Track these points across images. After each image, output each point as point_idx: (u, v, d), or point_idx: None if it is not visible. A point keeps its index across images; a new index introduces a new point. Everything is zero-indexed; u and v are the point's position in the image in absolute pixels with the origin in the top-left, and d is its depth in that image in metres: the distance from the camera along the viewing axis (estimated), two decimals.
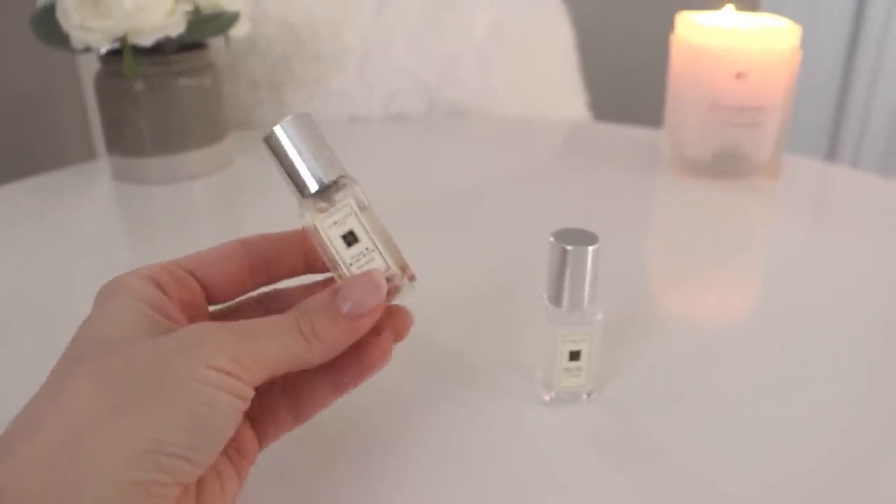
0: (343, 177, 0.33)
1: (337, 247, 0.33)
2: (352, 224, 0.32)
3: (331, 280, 0.34)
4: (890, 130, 1.78)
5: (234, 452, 0.32)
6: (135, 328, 0.30)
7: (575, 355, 0.41)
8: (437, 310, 0.52)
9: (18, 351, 0.49)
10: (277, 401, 0.34)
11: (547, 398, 0.42)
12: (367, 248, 0.33)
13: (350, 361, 0.34)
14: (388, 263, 0.33)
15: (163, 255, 0.34)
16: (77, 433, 0.25)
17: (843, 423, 0.42)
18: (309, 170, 0.32)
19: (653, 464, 0.39)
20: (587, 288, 0.39)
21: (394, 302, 0.34)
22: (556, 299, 0.40)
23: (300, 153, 0.32)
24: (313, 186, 0.32)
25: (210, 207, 0.75)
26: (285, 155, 0.32)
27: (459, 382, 0.45)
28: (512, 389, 0.44)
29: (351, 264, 0.33)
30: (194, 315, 0.34)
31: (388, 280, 0.33)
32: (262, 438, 0.34)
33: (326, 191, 0.33)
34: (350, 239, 0.33)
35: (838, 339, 0.51)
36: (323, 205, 0.32)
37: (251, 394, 0.28)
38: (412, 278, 0.34)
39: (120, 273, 0.33)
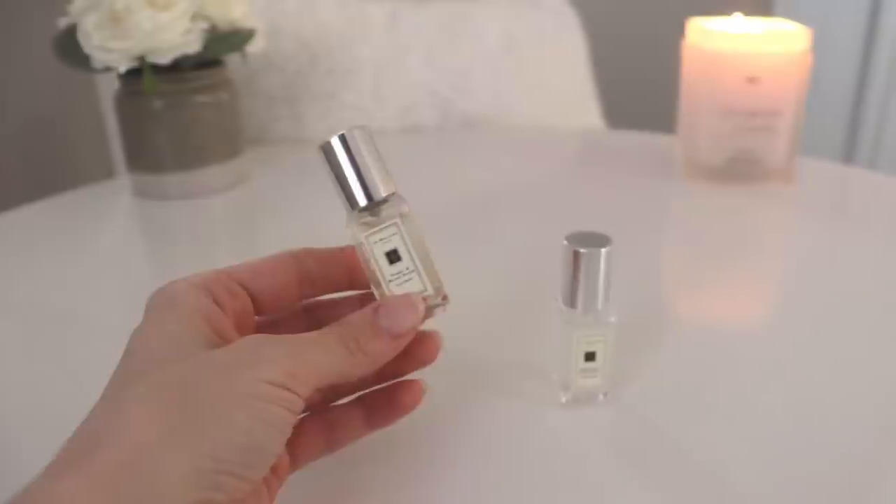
0: (393, 194, 0.34)
1: (379, 262, 0.33)
2: (396, 243, 0.33)
3: (369, 295, 0.35)
4: None
5: (269, 471, 0.33)
6: (190, 342, 0.30)
7: (590, 356, 0.41)
8: (454, 315, 0.53)
9: (45, 365, 0.50)
10: (313, 428, 0.36)
11: (564, 399, 0.43)
12: (407, 268, 0.33)
13: (385, 402, 0.37)
14: (425, 285, 0.34)
15: (184, 268, 0.35)
16: (139, 451, 0.26)
17: (860, 424, 0.42)
18: (360, 184, 0.33)
19: (669, 463, 0.39)
20: (601, 290, 0.40)
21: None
22: (571, 301, 0.40)
23: (353, 166, 0.33)
24: (363, 201, 0.33)
25: (229, 222, 0.76)
26: (338, 166, 0.33)
27: (477, 385, 0.45)
28: (529, 391, 0.44)
29: (391, 281, 0.33)
30: (243, 326, 0.34)
31: (424, 300, 0.33)
32: (294, 462, 0.35)
33: (375, 206, 0.33)
34: (393, 257, 0.33)
35: (854, 340, 0.51)
36: (370, 219, 0.33)
37: (302, 406, 0.29)
38: (445, 299, 0.35)
39: (145, 285, 0.33)
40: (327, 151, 0.33)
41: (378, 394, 0.37)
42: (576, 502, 0.37)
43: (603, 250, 0.39)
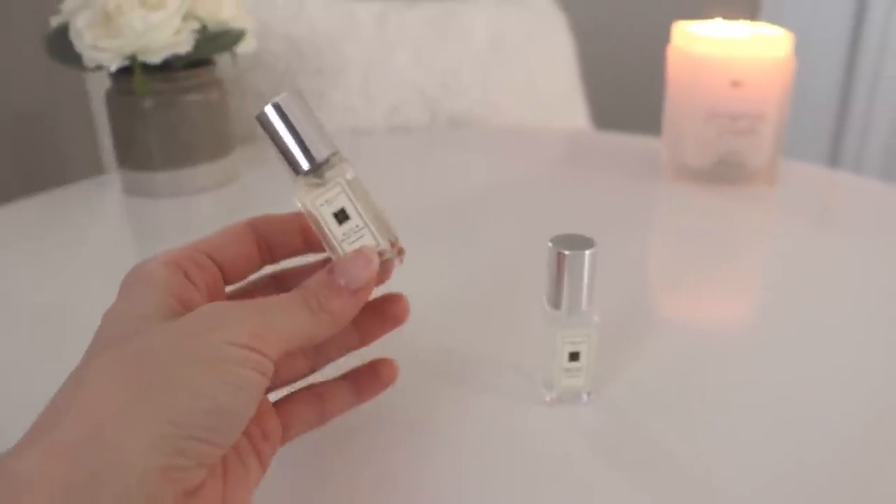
0: (334, 154, 0.34)
1: (329, 224, 0.34)
2: (343, 202, 0.33)
3: (329, 259, 0.36)
4: (892, 135, 1.79)
5: (260, 437, 0.34)
6: (155, 317, 0.30)
7: (574, 356, 0.42)
8: (440, 314, 0.54)
9: (34, 361, 0.50)
10: (305, 399, 0.37)
11: (548, 399, 0.44)
12: (357, 226, 0.34)
13: (367, 377, 0.38)
14: (377, 240, 0.34)
15: None
16: (98, 423, 0.26)
17: (842, 425, 0.43)
18: (300, 149, 0.33)
19: (652, 462, 0.40)
20: (585, 291, 0.41)
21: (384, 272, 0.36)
22: (555, 302, 0.41)
23: (291, 132, 0.33)
24: (305, 165, 0.33)
25: (218, 220, 0.76)
26: (277, 134, 0.33)
27: (463, 384, 0.46)
28: (514, 390, 0.45)
29: (342, 241, 0.34)
30: (214, 298, 0.35)
31: (379, 255, 0.34)
32: (287, 432, 0.36)
33: (318, 169, 0.33)
34: (341, 216, 0.33)
35: (836, 341, 0.52)
36: (315, 181, 0.33)
37: (272, 368, 0.29)
38: (401, 252, 0.35)
39: None
40: (263, 122, 0.33)
41: (360, 369, 0.39)
42: (560, 501, 0.37)
43: (587, 252, 0.39)
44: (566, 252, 0.39)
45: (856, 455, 0.41)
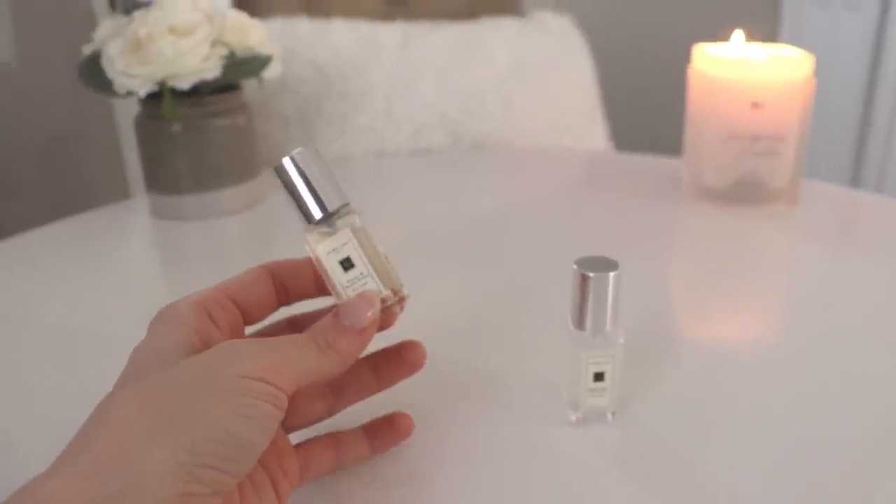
0: (344, 206, 0.36)
1: (335, 271, 0.36)
2: (348, 251, 0.36)
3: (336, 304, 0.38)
4: None
5: (279, 473, 0.35)
6: (177, 354, 0.33)
7: (599, 376, 0.42)
8: (464, 334, 0.54)
9: (64, 382, 0.51)
10: (324, 443, 0.39)
11: (573, 418, 0.44)
12: (361, 273, 0.36)
13: (384, 428, 0.41)
14: (379, 287, 0.36)
15: (199, 288, 0.37)
16: (119, 449, 0.27)
17: (866, 445, 0.43)
18: (313, 200, 0.35)
19: (677, 481, 0.40)
20: (609, 312, 0.41)
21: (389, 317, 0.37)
22: (580, 323, 0.42)
23: (305, 184, 0.35)
24: (318, 214, 0.36)
25: (244, 243, 0.78)
26: (293, 185, 0.36)
27: (487, 403, 0.47)
28: (539, 410, 0.46)
29: (347, 287, 0.36)
30: (235, 337, 0.37)
31: (382, 302, 0.36)
32: (304, 472, 0.38)
33: (329, 218, 0.36)
34: (347, 265, 0.36)
35: (858, 361, 0.52)
36: (326, 230, 0.36)
37: (285, 401, 0.31)
38: (402, 300, 0.37)
39: (162, 303, 0.36)
40: (280, 172, 0.36)
41: (377, 420, 0.41)
42: None
43: (611, 274, 0.40)
44: (591, 274, 0.40)
45: (881, 473, 0.41)
